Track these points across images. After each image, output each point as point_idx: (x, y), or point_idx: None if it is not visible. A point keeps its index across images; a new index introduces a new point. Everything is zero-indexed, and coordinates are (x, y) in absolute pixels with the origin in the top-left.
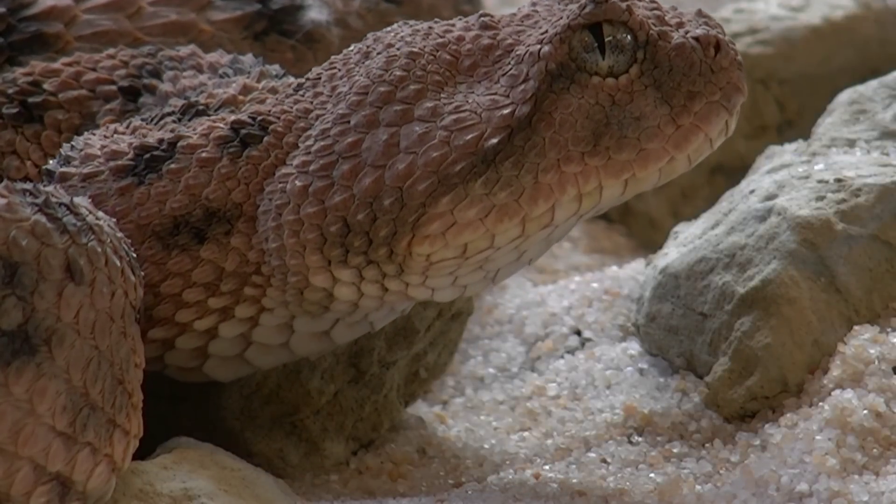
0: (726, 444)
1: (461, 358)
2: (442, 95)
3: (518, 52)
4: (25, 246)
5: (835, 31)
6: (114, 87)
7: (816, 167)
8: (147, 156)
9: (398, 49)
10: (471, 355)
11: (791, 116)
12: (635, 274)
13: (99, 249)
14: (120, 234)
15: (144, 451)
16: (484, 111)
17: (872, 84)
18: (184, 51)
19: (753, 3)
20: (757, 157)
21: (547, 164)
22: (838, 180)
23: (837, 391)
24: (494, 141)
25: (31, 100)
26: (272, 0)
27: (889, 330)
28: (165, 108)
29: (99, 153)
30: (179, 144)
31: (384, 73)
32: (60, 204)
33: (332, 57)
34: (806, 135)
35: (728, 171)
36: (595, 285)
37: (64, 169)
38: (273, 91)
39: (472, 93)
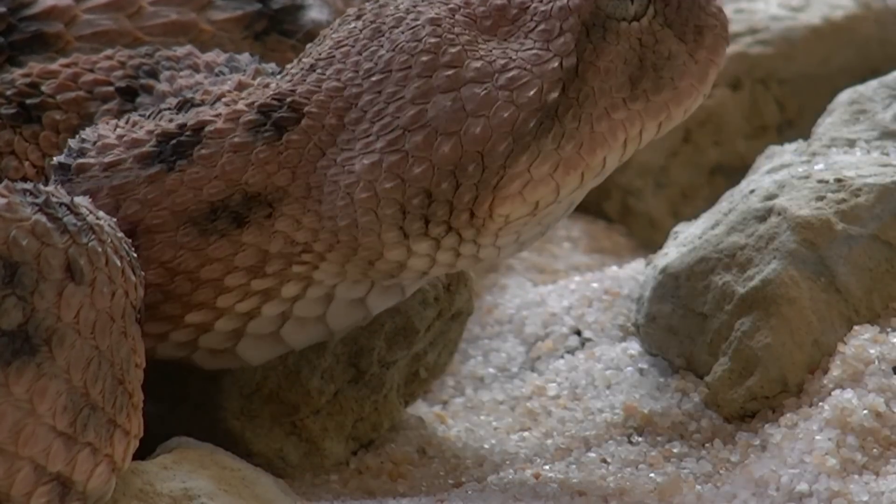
0: (726, 444)
1: (461, 358)
2: (480, 55)
3: (538, 9)
4: (25, 246)
5: (835, 31)
6: (111, 88)
7: (816, 167)
8: (173, 142)
9: (415, 19)
10: (471, 355)
11: (791, 116)
12: (635, 274)
13: (99, 249)
14: (120, 234)
15: (144, 451)
16: (533, 66)
17: (872, 84)
18: (181, 51)
19: (753, 3)
20: (757, 157)
21: (599, 113)
22: (838, 180)
23: (837, 391)
24: (555, 94)
25: (28, 101)
26: (273, 0)
27: (889, 330)
28: (162, 105)
29: (117, 142)
30: (206, 130)
31: (417, 42)
32: (61, 204)
33: (330, 35)
34: (806, 135)
35: (728, 171)
36: (595, 285)
37: (82, 160)
38: (266, 86)
39: (506, 51)
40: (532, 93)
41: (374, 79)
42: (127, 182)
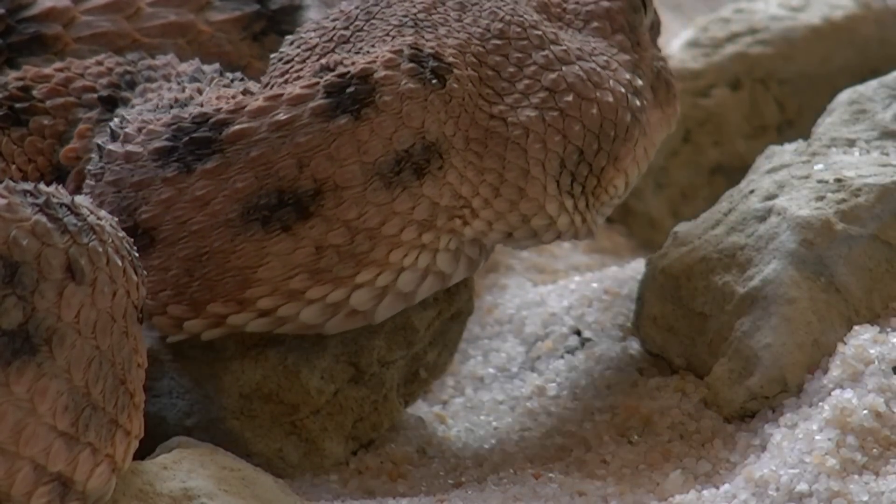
0: (726, 444)
1: (461, 358)
2: (566, 40)
3: (579, 9)
4: (26, 246)
5: (835, 31)
6: (95, 96)
7: (816, 167)
8: (349, 89)
9: None
10: (471, 355)
11: (791, 116)
12: (635, 274)
13: (100, 249)
14: (122, 234)
15: (144, 451)
16: (611, 56)
17: (872, 84)
18: (161, 60)
19: (753, 3)
20: (757, 157)
21: (649, 104)
22: (838, 180)
23: (837, 391)
24: (640, 81)
25: (18, 105)
26: (271, 0)
27: (889, 330)
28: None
29: (269, 102)
30: (376, 76)
31: (522, 18)
32: (61, 204)
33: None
34: (806, 135)
35: (728, 171)
36: (595, 285)
37: (231, 129)
38: (227, 86)
39: (575, 38)
40: (627, 76)
41: (494, 42)
42: (311, 138)
